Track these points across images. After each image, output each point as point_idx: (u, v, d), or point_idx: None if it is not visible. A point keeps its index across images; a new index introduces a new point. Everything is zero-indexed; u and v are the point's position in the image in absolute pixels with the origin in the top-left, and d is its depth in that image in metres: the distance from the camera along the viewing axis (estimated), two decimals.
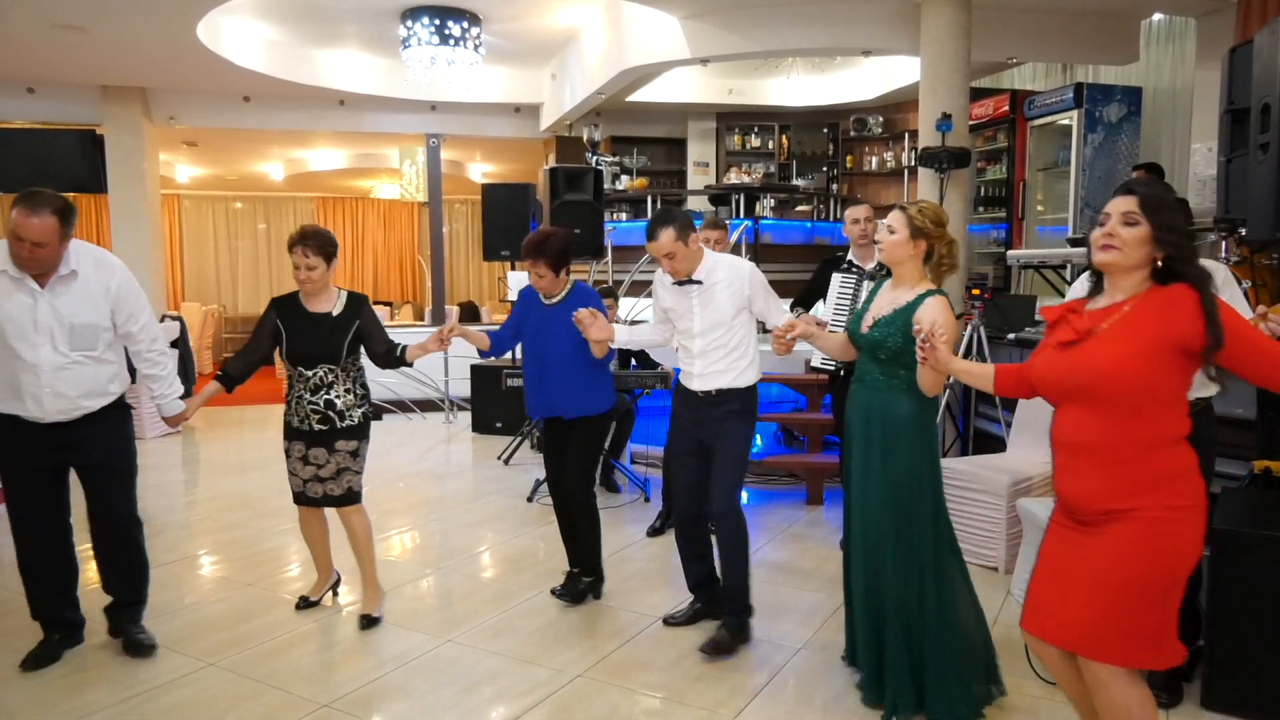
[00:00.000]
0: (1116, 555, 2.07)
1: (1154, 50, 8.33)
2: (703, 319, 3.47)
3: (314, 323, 3.59)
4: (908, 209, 2.91)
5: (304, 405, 3.60)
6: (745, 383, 3.50)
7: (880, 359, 2.88)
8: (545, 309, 3.81)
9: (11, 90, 10.04)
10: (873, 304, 2.99)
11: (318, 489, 3.67)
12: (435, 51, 8.62)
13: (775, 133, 11.53)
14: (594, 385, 3.83)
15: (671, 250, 3.38)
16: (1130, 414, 2.07)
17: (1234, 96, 4.00)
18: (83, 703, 3.04)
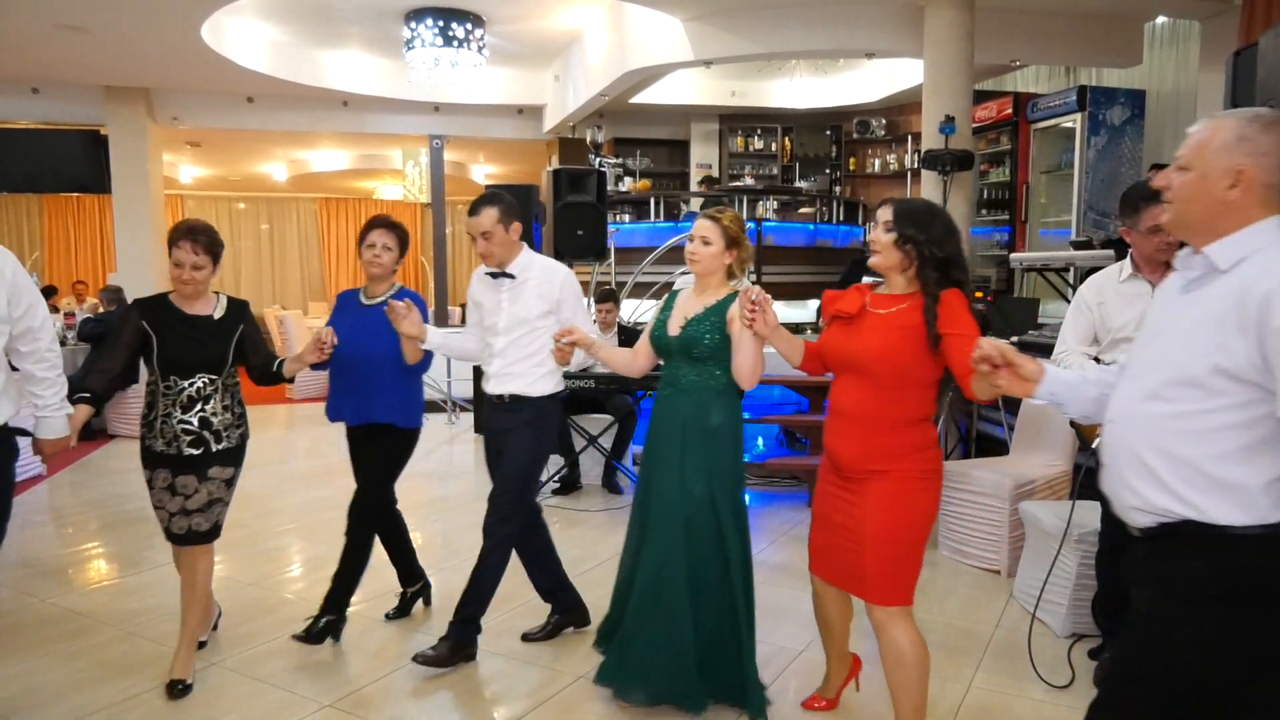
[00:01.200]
0: (879, 512, 2.47)
1: (1157, 53, 8.33)
2: (509, 315, 3.37)
3: (192, 326, 3.14)
4: (720, 219, 2.94)
5: (172, 424, 3.08)
6: (539, 392, 3.36)
7: (695, 358, 2.90)
8: (365, 310, 3.54)
9: (16, 90, 10.08)
10: (674, 310, 3.01)
11: (182, 523, 3.13)
12: (439, 53, 8.64)
13: (778, 135, 11.55)
14: (412, 392, 3.60)
15: (490, 230, 3.29)
16: (891, 391, 2.46)
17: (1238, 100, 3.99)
18: (83, 701, 3.04)
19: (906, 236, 2.46)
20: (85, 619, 3.76)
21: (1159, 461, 1.68)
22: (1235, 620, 1.61)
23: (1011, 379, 1.92)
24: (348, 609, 3.61)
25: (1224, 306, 1.63)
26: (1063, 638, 3.56)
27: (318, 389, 10.65)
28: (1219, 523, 1.62)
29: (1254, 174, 1.65)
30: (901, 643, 2.50)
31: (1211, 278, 1.69)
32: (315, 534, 5.10)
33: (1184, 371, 1.67)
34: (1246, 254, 1.64)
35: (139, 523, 5.36)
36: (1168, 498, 1.68)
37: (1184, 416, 1.66)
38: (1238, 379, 1.60)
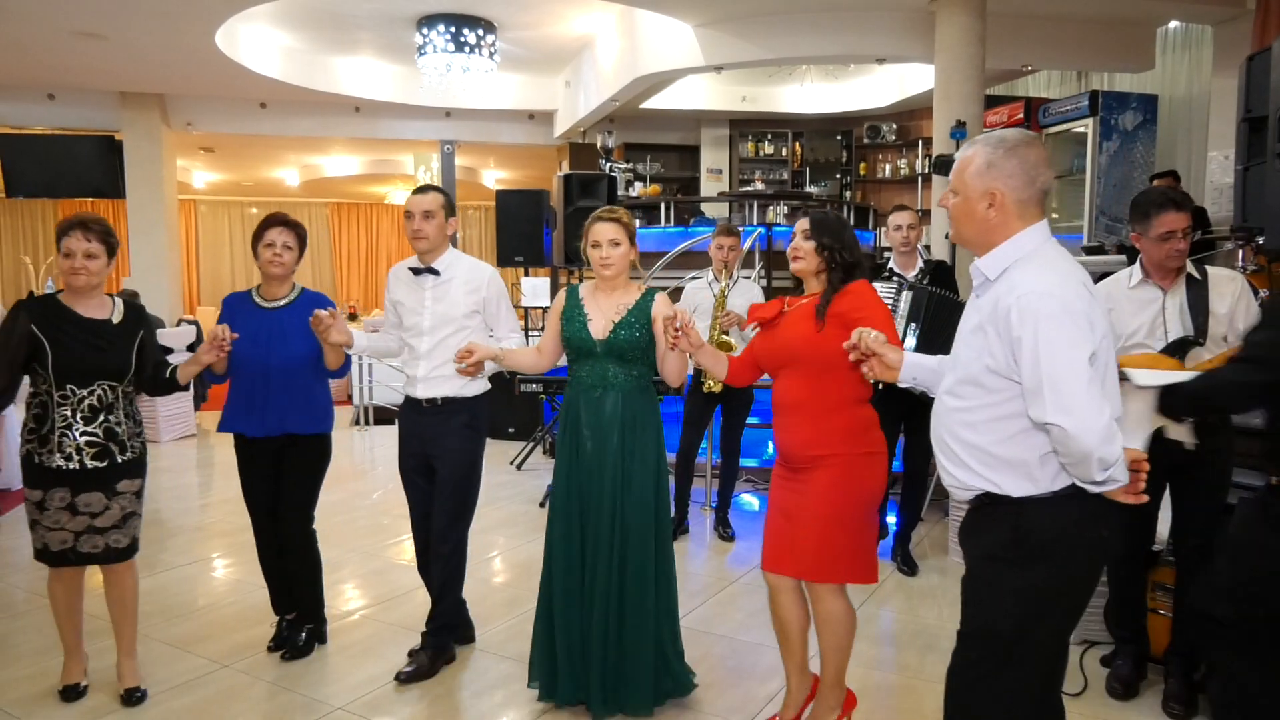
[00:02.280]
0: (824, 492, 2.62)
1: (1170, 58, 8.30)
2: (434, 314, 3.27)
3: (91, 331, 2.93)
4: (620, 218, 3.01)
5: (73, 436, 2.86)
6: (473, 392, 3.30)
7: (626, 360, 2.96)
8: (266, 312, 3.34)
9: (32, 96, 10.18)
10: (588, 313, 3.00)
11: (96, 542, 2.93)
12: (451, 59, 8.68)
13: (788, 140, 11.54)
14: (324, 398, 3.47)
15: (433, 211, 3.24)
16: (822, 376, 2.63)
17: (1251, 104, 3.98)
18: (94, 704, 3.06)
19: (824, 244, 2.71)
20: (97, 620, 3.77)
21: (958, 446, 1.97)
22: (1030, 574, 1.88)
23: (879, 367, 2.23)
24: (323, 609, 3.60)
25: (985, 315, 1.89)
26: (1075, 644, 3.54)
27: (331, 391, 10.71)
28: (1014, 494, 1.90)
29: (1004, 194, 1.89)
30: (837, 612, 2.71)
31: (986, 286, 1.93)
32: (327, 538, 5.07)
33: (967, 371, 1.94)
34: (1008, 264, 1.89)
35: (152, 525, 5.39)
36: (970, 475, 1.96)
37: (970, 410, 1.94)
38: (1004, 377, 1.86)
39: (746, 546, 4.87)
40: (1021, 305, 1.80)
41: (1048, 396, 1.76)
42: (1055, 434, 1.78)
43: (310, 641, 3.48)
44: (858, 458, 2.65)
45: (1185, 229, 2.87)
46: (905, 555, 4.48)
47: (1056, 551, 1.88)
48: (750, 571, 4.47)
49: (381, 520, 5.47)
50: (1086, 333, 1.79)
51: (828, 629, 2.72)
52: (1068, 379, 1.75)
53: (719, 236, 4.87)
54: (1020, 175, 1.89)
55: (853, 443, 2.65)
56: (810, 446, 2.65)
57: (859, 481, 2.65)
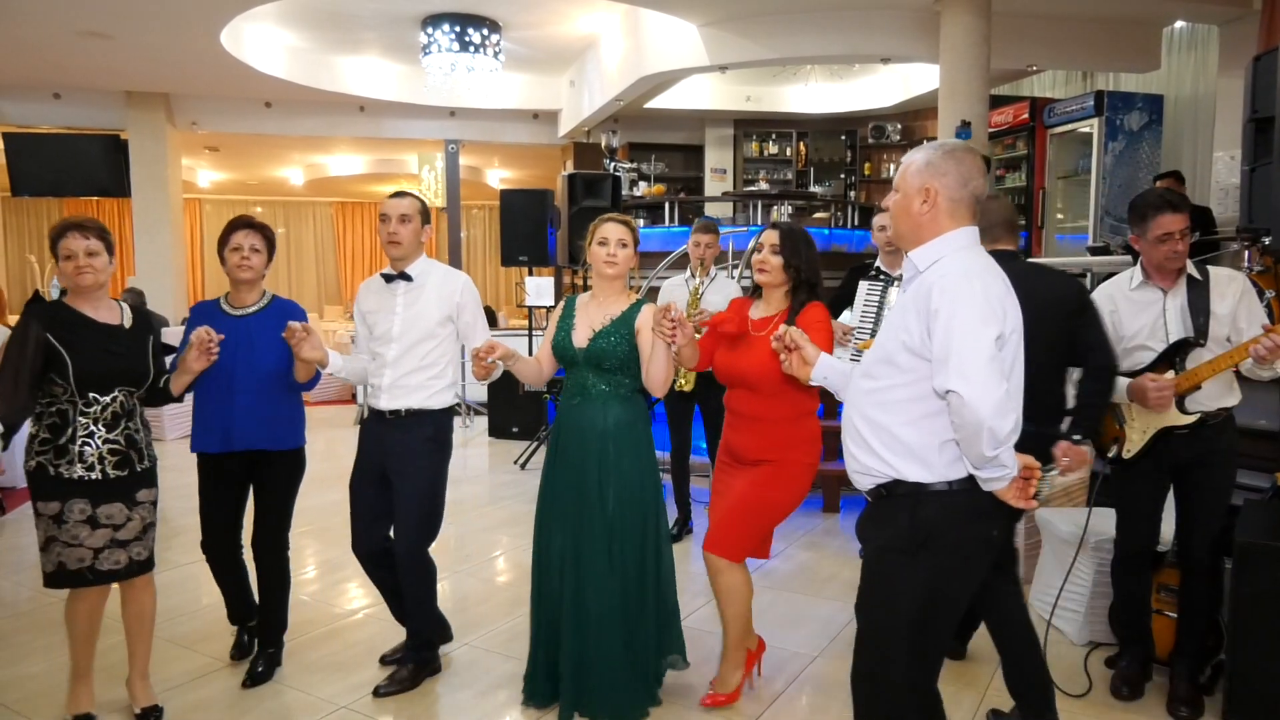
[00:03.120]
0: (755, 484, 2.90)
1: (1176, 58, 8.28)
2: (404, 320, 3.14)
3: (108, 335, 2.84)
4: (628, 221, 3.08)
5: (96, 445, 2.76)
6: (438, 404, 3.17)
7: (605, 369, 2.93)
8: (233, 320, 3.16)
9: (38, 96, 10.20)
10: (575, 321, 3.00)
11: (119, 557, 2.82)
12: (455, 58, 8.68)
13: (793, 139, 11.53)
14: (297, 410, 3.28)
15: (410, 215, 3.15)
16: (776, 395, 2.87)
17: (1258, 105, 3.97)
18: (103, 703, 3.06)
19: (790, 263, 2.89)
20: (105, 619, 3.78)
21: (865, 428, 2.06)
22: (922, 565, 1.98)
23: (796, 361, 2.35)
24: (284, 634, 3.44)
25: (911, 298, 2.01)
26: (1079, 646, 3.54)
27: (334, 391, 10.72)
28: (912, 480, 1.99)
29: (938, 192, 2.01)
30: (737, 583, 2.98)
31: (916, 276, 2.04)
32: (331, 537, 5.13)
33: (884, 351, 2.05)
34: (938, 258, 2.01)
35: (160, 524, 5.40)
36: (874, 459, 2.04)
37: (882, 390, 2.03)
38: (915, 355, 1.96)
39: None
40: (943, 284, 1.93)
41: (952, 364, 1.87)
42: (953, 402, 1.87)
43: (271, 668, 3.31)
44: (796, 465, 2.94)
45: (1183, 230, 2.86)
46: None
47: (946, 543, 1.98)
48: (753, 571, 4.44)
49: None
50: (999, 316, 1.91)
51: (725, 599, 3.00)
52: (972, 350, 1.87)
53: (697, 234, 4.86)
54: (954, 175, 2.02)
55: (796, 451, 2.94)
56: (762, 451, 2.93)
57: (786, 484, 2.93)
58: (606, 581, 2.88)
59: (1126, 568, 3.16)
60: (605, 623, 2.87)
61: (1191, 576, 3.05)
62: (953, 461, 1.97)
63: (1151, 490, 3.08)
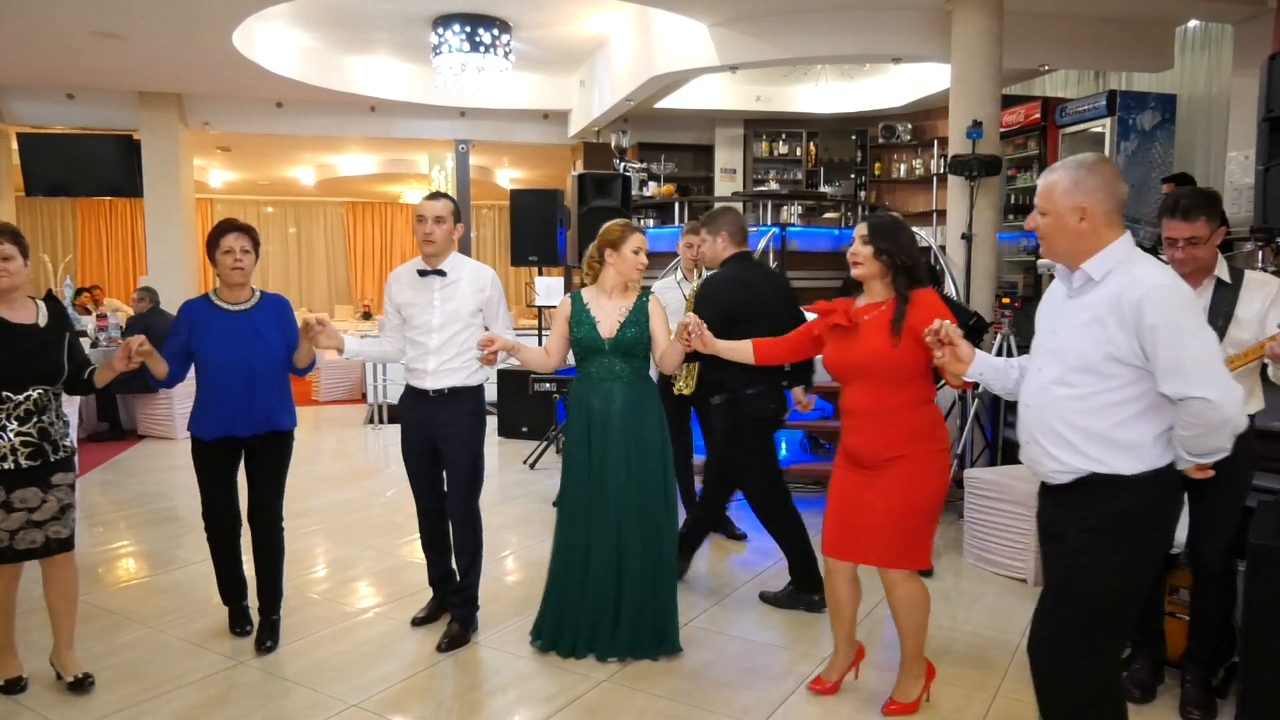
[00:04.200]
0: (897, 489, 2.83)
1: (1189, 57, 8.23)
2: (442, 312, 3.49)
3: (21, 336, 2.98)
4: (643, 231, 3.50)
5: (8, 437, 2.93)
6: (476, 381, 3.57)
7: (631, 355, 3.40)
8: (237, 316, 3.43)
9: (52, 96, 10.27)
10: (595, 315, 3.41)
11: (35, 536, 2.99)
12: (466, 58, 8.69)
13: (803, 139, 11.51)
14: (289, 392, 3.60)
15: (445, 217, 3.46)
16: (894, 385, 2.84)
17: (1272, 104, 3.95)
18: (116, 699, 3.08)
19: (881, 249, 2.87)
20: (115, 616, 3.82)
21: (1070, 431, 2.15)
22: (1132, 544, 2.13)
23: (950, 357, 2.40)
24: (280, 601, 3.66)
25: (1104, 309, 2.10)
26: None
27: (345, 390, 10.75)
28: (1121, 472, 2.11)
29: (1092, 207, 2.12)
30: (914, 594, 2.94)
31: (1090, 286, 2.15)
32: (341, 535, 5.15)
33: (1084, 361, 2.13)
34: (1111, 267, 2.12)
35: (169, 522, 5.44)
36: (1081, 459, 2.14)
37: (1087, 397, 2.13)
38: (1123, 363, 2.08)
39: (756, 548, 4.86)
40: (1153, 297, 2.02)
41: (1193, 374, 1.99)
42: (1198, 406, 1.99)
43: (277, 636, 3.57)
44: (926, 455, 2.86)
45: (1187, 239, 2.82)
46: None
47: (1154, 523, 2.14)
48: (761, 573, 4.46)
49: (395, 518, 5.49)
50: (1204, 319, 2.10)
51: (904, 611, 2.94)
52: (1208, 358, 2.02)
53: (688, 235, 4.83)
54: (1103, 189, 2.13)
55: (921, 442, 2.86)
56: (883, 450, 2.86)
57: (928, 478, 2.87)
58: (635, 537, 3.34)
59: None
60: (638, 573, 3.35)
61: (1204, 580, 3.03)
62: (1163, 451, 2.11)
63: None
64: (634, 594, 3.36)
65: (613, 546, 3.36)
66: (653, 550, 3.38)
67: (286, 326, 3.53)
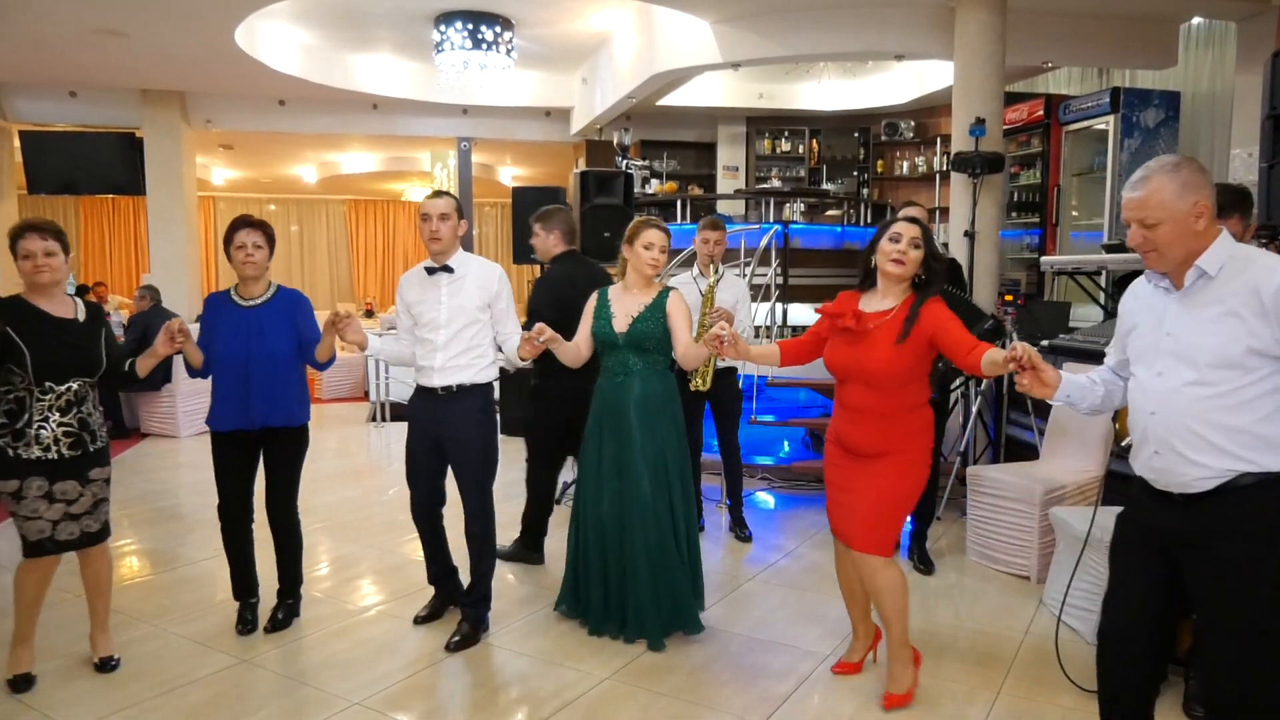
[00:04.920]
0: (883, 478, 2.92)
1: (1193, 54, 8.21)
2: (449, 308, 3.49)
3: (64, 329, 3.10)
4: (660, 223, 3.55)
5: (50, 428, 3.03)
6: (485, 379, 3.57)
7: (644, 349, 3.47)
8: (244, 311, 3.51)
9: (54, 94, 10.26)
10: (613, 309, 3.52)
11: (72, 529, 3.11)
12: (468, 56, 8.68)
13: (805, 137, 11.49)
14: (303, 390, 3.66)
15: (449, 214, 3.47)
16: (896, 390, 2.90)
17: (1276, 101, 3.95)
18: (120, 697, 3.09)
19: (929, 255, 2.91)
20: (118, 615, 3.82)
21: (1211, 432, 2.07)
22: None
23: (1033, 381, 2.33)
24: (300, 586, 3.80)
25: (1238, 301, 2.05)
26: (1093, 645, 3.51)
27: (348, 388, 10.76)
28: (1272, 470, 2.03)
29: (1206, 202, 2.10)
30: (893, 580, 2.98)
31: (1206, 282, 2.10)
32: (344, 533, 5.16)
33: (1221, 356, 2.06)
34: (1223, 260, 2.09)
35: (171, 520, 5.44)
36: (1229, 460, 2.05)
37: (1227, 394, 2.06)
38: (1265, 355, 2.03)
39: (762, 545, 4.86)
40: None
41: None
42: None
43: (289, 617, 3.71)
44: (920, 453, 2.97)
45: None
46: (922, 554, 4.46)
47: None
48: (765, 570, 4.46)
49: (398, 516, 5.49)
50: None
51: (885, 596, 2.99)
52: None
53: (704, 230, 4.84)
54: (1206, 184, 2.12)
55: (912, 442, 2.96)
56: (881, 445, 2.94)
57: (911, 477, 2.97)
58: (645, 525, 3.43)
59: None
60: (647, 559, 3.44)
61: None
62: None
63: None
64: (648, 580, 3.46)
65: (616, 537, 3.49)
66: (662, 540, 3.46)
67: (301, 322, 3.56)
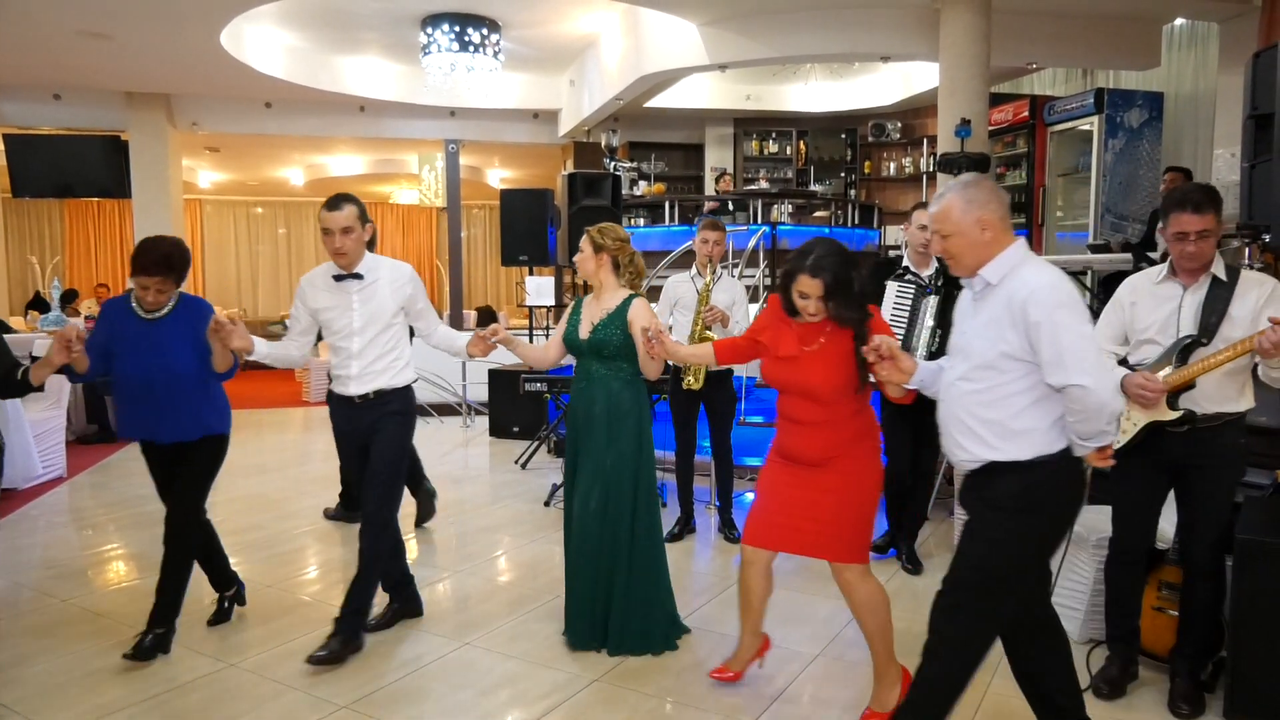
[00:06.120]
0: (845, 486, 2.89)
1: (1176, 55, 8.28)
2: (362, 315, 3.41)
3: None
4: (590, 231, 3.48)
5: None
6: (403, 382, 3.51)
7: (605, 356, 3.41)
8: (146, 324, 3.32)
9: (39, 97, 10.20)
10: (582, 315, 3.49)
11: None
12: (455, 58, 8.68)
13: (793, 138, 11.53)
14: (217, 400, 3.49)
15: (352, 226, 3.34)
16: (834, 402, 2.89)
17: (1258, 102, 3.97)
18: (104, 701, 3.07)
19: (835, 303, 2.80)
20: (105, 619, 3.80)
21: (975, 423, 2.37)
22: (1030, 520, 2.32)
23: (891, 369, 2.58)
24: (177, 620, 3.48)
25: (999, 310, 2.31)
26: (1080, 644, 3.54)
27: None
28: (1018, 458, 2.31)
29: (990, 218, 2.33)
30: (873, 593, 2.94)
31: (989, 290, 2.36)
32: (332, 536, 5.14)
33: (981, 359, 2.35)
34: (1007, 271, 2.33)
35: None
36: (984, 448, 2.36)
37: (987, 390, 2.34)
38: (1016, 359, 2.28)
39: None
40: (1036, 297, 2.23)
41: (1070, 364, 2.18)
42: (1076, 393, 2.19)
43: (155, 649, 3.37)
44: (864, 453, 2.94)
45: (1200, 231, 2.83)
46: (910, 554, 4.47)
47: (1053, 503, 2.34)
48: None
49: None
50: (1085, 313, 2.27)
51: (867, 610, 2.93)
52: (1083, 348, 2.20)
53: (704, 230, 4.85)
54: (993, 201, 2.35)
55: (864, 442, 2.94)
56: (826, 452, 2.90)
57: (866, 474, 2.94)
58: (597, 532, 3.37)
59: (1118, 565, 3.17)
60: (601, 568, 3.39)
61: (1193, 576, 3.04)
62: (1057, 437, 2.30)
63: (1146, 487, 3.08)
64: (614, 593, 3.43)
65: (578, 548, 3.44)
66: (620, 552, 3.40)
67: (203, 333, 3.27)
